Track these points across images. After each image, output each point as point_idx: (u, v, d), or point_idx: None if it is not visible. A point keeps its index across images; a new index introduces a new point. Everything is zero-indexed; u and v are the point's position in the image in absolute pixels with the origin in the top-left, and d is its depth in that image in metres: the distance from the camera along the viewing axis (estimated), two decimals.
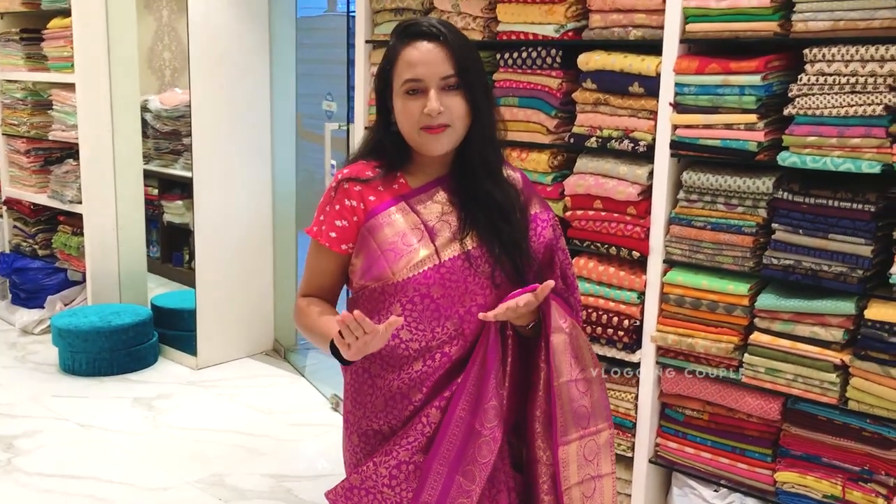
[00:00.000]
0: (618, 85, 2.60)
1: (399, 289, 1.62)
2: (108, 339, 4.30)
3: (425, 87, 1.61)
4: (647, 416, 2.68)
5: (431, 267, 1.62)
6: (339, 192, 1.68)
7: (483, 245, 1.66)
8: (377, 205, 1.66)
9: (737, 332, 2.47)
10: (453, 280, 1.63)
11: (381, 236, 1.64)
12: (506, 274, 1.67)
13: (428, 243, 1.64)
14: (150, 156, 5.75)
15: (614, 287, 2.68)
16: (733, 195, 2.43)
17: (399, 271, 1.62)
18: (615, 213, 2.65)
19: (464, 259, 1.64)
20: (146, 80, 6.12)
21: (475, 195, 1.68)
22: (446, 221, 1.67)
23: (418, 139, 1.64)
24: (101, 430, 3.71)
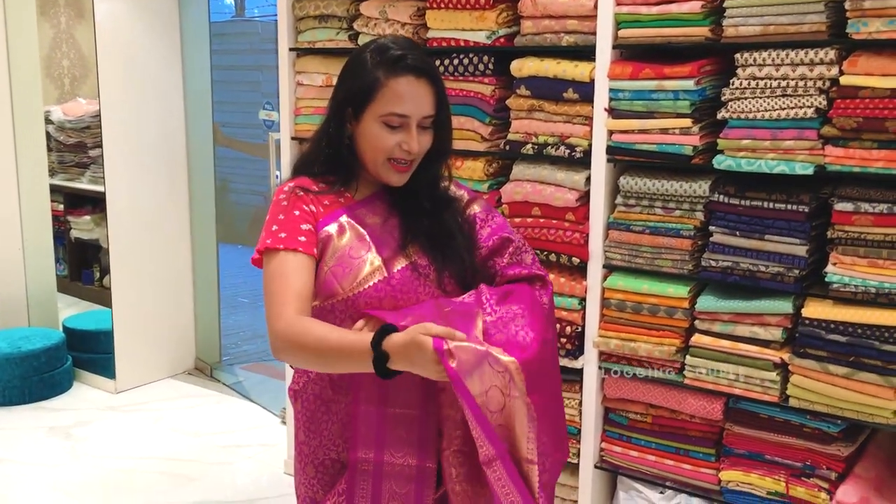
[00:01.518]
0: (552, 91, 2.59)
1: (349, 305, 1.57)
2: (18, 366, 4.07)
3: (407, 124, 1.58)
4: (591, 422, 2.68)
5: (380, 280, 1.58)
6: (294, 198, 1.61)
7: (426, 254, 1.63)
8: (325, 217, 1.61)
9: (678, 335, 2.48)
10: (404, 291, 1.60)
11: (330, 250, 1.59)
12: (455, 281, 1.65)
13: (375, 256, 1.59)
14: (53, 169, 5.46)
15: (555, 294, 2.66)
16: (670, 199, 2.45)
17: (348, 287, 1.57)
18: (554, 220, 2.64)
19: (411, 269, 1.60)
20: (45, 89, 5.82)
21: (417, 212, 1.66)
22: (389, 233, 1.64)
23: (381, 168, 1.62)
24: (15, 463, 3.50)
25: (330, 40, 3.04)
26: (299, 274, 1.54)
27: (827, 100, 2.19)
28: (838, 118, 2.16)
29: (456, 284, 1.65)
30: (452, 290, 1.65)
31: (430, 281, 1.62)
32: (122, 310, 4.14)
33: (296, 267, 1.54)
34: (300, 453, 1.70)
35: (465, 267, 1.66)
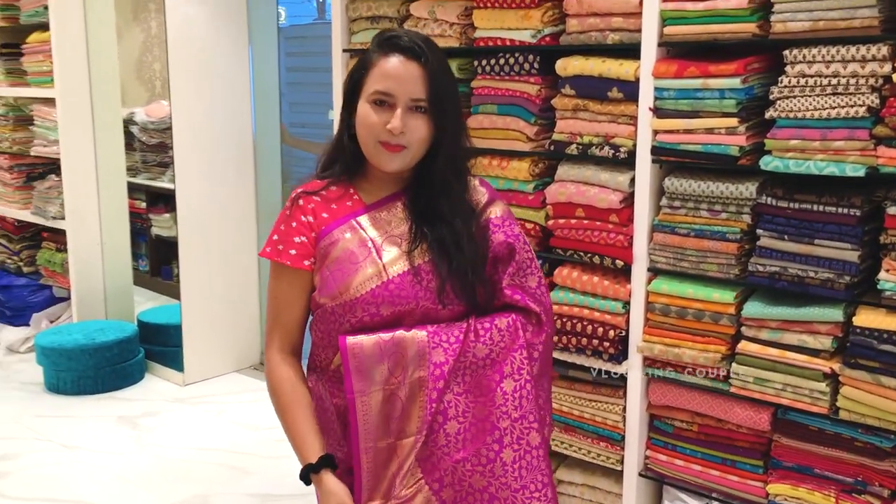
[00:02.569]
0: (597, 90, 2.54)
1: (348, 308, 1.58)
2: (92, 357, 4.24)
3: (393, 103, 1.57)
4: (635, 429, 2.62)
5: (379, 284, 1.58)
6: (295, 208, 1.64)
7: (432, 261, 1.61)
8: (329, 222, 1.62)
9: (724, 342, 2.40)
10: (401, 297, 1.59)
11: (331, 256, 1.60)
12: (455, 291, 1.62)
13: (375, 260, 1.59)
14: (137, 169, 5.70)
15: (598, 297, 2.62)
16: (716, 201, 2.37)
17: (346, 290, 1.58)
18: (597, 222, 2.59)
19: (412, 275, 1.59)
20: (136, 91, 6.07)
21: (430, 216, 1.64)
22: (396, 237, 1.63)
23: (373, 150, 1.60)
24: (85, 450, 3.65)
25: None
26: (290, 301, 1.65)
27: (880, 98, 2.08)
28: (891, 117, 2.05)
29: (456, 296, 1.62)
30: (451, 301, 1.62)
31: (430, 289, 1.60)
32: (191, 305, 4.27)
33: (284, 282, 1.64)
34: None
35: (468, 282, 1.63)
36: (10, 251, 5.13)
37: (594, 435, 2.71)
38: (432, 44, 1.62)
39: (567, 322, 2.66)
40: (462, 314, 1.63)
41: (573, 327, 2.65)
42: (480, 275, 1.64)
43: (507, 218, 1.72)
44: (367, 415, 1.55)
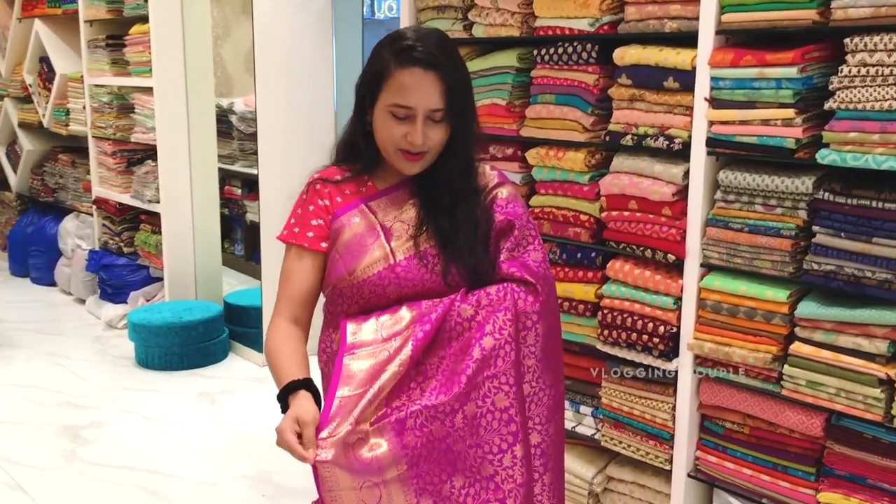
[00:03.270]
0: (653, 80, 2.48)
1: (356, 290, 1.62)
2: (178, 335, 4.44)
3: (413, 115, 1.59)
4: (684, 428, 2.55)
5: (385, 267, 1.62)
6: (311, 192, 1.69)
7: (437, 246, 1.64)
8: (341, 206, 1.66)
9: (776, 342, 2.31)
10: (408, 279, 1.62)
11: (341, 239, 1.64)
12: (461, 275, 1.64)
13: (383, 244, 1.63)
14: (235, 157, 5.90)
15: (650, 291, 2.56)
16: (772, 196, 2.28)
17: (354, 273, 1.62)
18: (650, 214, 2.53)
19: (418, 258, 1.61)
20: (245, 82, 6.27)
21: (435, 205, 1.66)
22: (404, 222, 1.67)
23: (393, 157, 1.65)
24: (164, 423, 3.83)
25: (447, 31, 3.07)
26: (300, 276, 1.66)
27: None
28: None
29: (462, 278, 1.65)
30: (457, 283, 1.64)
31: (436, 273, 1.63)
32: (271, 288, 4.40)
33: (299, 268, 1.67)
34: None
35: (472, 263, 1.64)
36: (112, 232, 5.42)
37: (643, 433, 2.66)
38: (445, 45, 1.63)
39: (618, 316, 2.61)
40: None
41: (623, 322, 2.60)
42: (483, 257, 1.65)
43: (512, 200, 1.72)
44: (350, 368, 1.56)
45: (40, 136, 6.22)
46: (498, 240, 1.68)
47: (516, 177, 2.89)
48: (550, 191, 2.79)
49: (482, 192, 1.70)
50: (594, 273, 2.71)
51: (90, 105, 5.32)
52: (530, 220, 1.73)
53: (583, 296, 2.72)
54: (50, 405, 4.02)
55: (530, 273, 1.66)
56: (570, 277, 2.75)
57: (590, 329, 2.73)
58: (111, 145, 5.23)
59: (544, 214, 2.81)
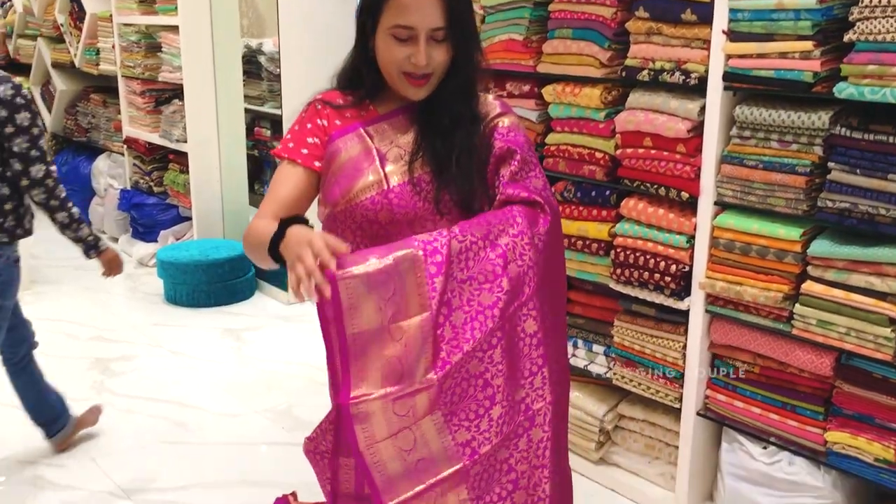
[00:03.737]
0: (670, 12, 2.42)
1: (348, 215, 1.62)
2: (205, 273, 4.51)
3: (415, 36, 1.57)
4: (695, 367, 2.55)
5: (378, 192, 1.61)
6: (311, 111, 1.68)
7: (431, 172, 1.62)
8: (339, 129, 1.66)
9: (787, 281, 2.28)
10: (400, 206, 1.61)
11: (337, 162, 1.64)
12: (454, 201, 1.63)
13: (377, 169, 1.62)
14: (264, 98, 5.90)
15: (663, 230, 2.54)
16: (788, 131, 2.23)
17: (347, 197, 1.62)
18: (665, 152, 2.49)
19: (411, 185, 1.61)
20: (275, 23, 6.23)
21: (434, 129, 1.64)
22: (400, 147, 1.65)
23: (398, 82, 1.63)
24: (190, 357, 3.92)
25: None
26: (290, 183, 1.63)
27: None
28: None
29: (455, 206, 1.63)
30: (449, 211, 1.63)
31: (429, 200, 1.62)
32: None
33: (289, 177, 1.64)
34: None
35: (466, 190, 1.62)
36: (142, 172, 5.49)
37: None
38: None
39: (630, 255, 2.60)
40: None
41: (636, 260, 2.58)
42: (478, 186, 1.64)
43: (514, 129, 1.70)
44: (353, 297, 1.43)
45: (73, 75, 6.28)
46: (497, 167, 1.65)
47: (532, 114, 2.86)
48: (566, 128, 2.76)
49: (483, 119, 1.69)
50: (608, 212, 2.69)
51: (119, 44, 5.35)
52: (532, 150, 1.71)
53: (596, 234, 2.70)
54: (82, 339, 4.13)
55: (537, 193, 1.65)
56: (585, 216, 2.74)
57: (603, 268, 2.72)
58: (140, 84, 5.27)
59: (560, 152, 2.78)
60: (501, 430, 1.56)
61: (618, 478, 2.84)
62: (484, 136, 1.67)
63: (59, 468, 2.95)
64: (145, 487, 2.83)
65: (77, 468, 2.95)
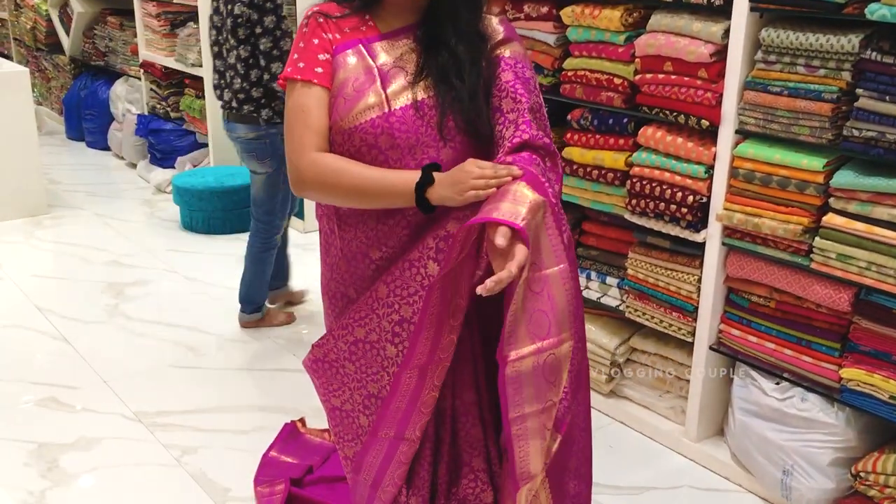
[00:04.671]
0: None
1: (346, 137, 1.54)
2: (220, 199, 4.48)
3: None
4: (709, 301, 2.49)
5: (379, 115, 1.52)
6: (313, 25, 1.57)
7: (436, 96, 1.53)
8: (339, 44, 1.56)
9: (808, 213, 2.20)
10: (402, 130, 1.52)
11: (336, 79, 1.54)
12: (458, 127, 1.54)
13: (378, 90, 1.53)
14: None
15: (681, 160, 2.45)
16: (815, 55, 2.12)
17: (346, 118, 1.53)
18: (685, 77, 2.39)
19: (414, 109, 1.52)
20: None
21: (438, 46, 1.55)
22: (403, 69, 1.56)
23: None
24: (203, 283, 3.92)
25: None
26: (317, 110, 1.53)
27: None
28: None
29: (459, 131, 1.54)
30: (453, 137, 1.54)
31: (432, 125, 1.53)
32: None
33: (313, 102, 1.53)
34: (321, 283, 1.75)
35: (471, 113, 1.53)
36: (159, 97, 5.43)
37: (667, 304, 2.60)
38: None
39: (646, 185, 2.52)
40: (465, 152, 1.55)
41: (652, 191, 2.51)
42: (482, 106, 1.55)
43: (521, 60, 1.60)
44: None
45: None
46: (502, 99, 1.56)
47: (550, 38, 2.75)
48: (584, 52, 2.66)
49: (489, 40, 1.60)
50: (625, 140, 2.60)
51: None
52: (538, 87, 1.62)
53: (612, 164, 2.62)
54: (97, 263, 4.14)
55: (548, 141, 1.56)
56: (601, 145, 2.65)
57: (618, 199, 2.64)
58: (155, 7, 5.17)
59: (577, 78, 2.69)
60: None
61: (628, 411, 2.81)
62: (490, 60, 1.58)
63: (72, 390, 2.97)
64: (155, 411, 2.85)
65: (90, 391, 2.97)
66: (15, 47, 7.68)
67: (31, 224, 4.67)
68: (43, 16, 6.80)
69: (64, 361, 3.18)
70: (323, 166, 1.52)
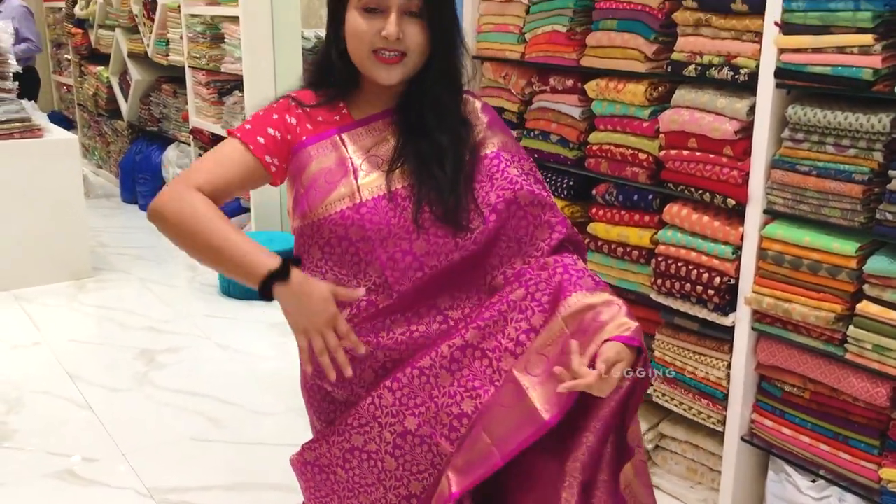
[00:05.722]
0: (720, 2, 2.22)
1: (316, 229, 1.48)
2: None
3: (386, 7, 1.43)
4: (739, 388, 2.35)
5: (349, 206, 1.46)
6: (282, 104, 1.54)
7: (413, 185, 1.47)
8: (312, 135, 1.51)
9: (841, 300, 2.06)
10: (374, 221, 1.46)
11: (308, 172, 1.50)
12: (435, 217, 1.46)
13: (350, 181, 1.47)
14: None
15: (708, 239, 2.34)
16: (845, 134, 2.01)
17: (316, 209, 1.47)
18: (710, 154, 2.30)
19: (387, 199, 1.46)
20: None
21: (417, 132, 1.49)
22: (378, 157, 1.50)
23: (368, 64, 1.47)
24: (234, 350, 3.90)
25: None
26: (233, 166, 1.46)
27: None
28: None
29: (436, 220, 1.47)
30: (428, 227, 1.47)
31: (405, 216, 1.46)
32: None
33: (235, 159, 1.46)
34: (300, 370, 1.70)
35: (449, 200, 1.47)
36: None
37: (696, 390, 2.46)
38: None
39: (672, 264, 2.41)
40: (439, 245, 1.47)
41: (678, 270, 2.39)
42: (462, 195, 1.48)
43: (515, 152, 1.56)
44: None
45: (147, 66, 6.37)
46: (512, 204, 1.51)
47: (575, 111, 2.69)
48: (609, 126, 2.58)
49: (471, 126, 1.54)
50: (651, 217, 2.51)
51: (186, 35, 5.38)
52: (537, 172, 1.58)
53: (638, 241, 2.52)
54: (134, 328, 4.16)
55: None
56: (626, 221, 2.56)
57: (644, 277, 2.53)
58: (205, 75, 5.29)
59: (602, 152, 2.61)
60: None
61: (658, 501, 2.65)
62: (473, 148, 1.52)
63: (89, 462, 2.94)
64: (170, 487, 2.80)
65: (107, 463, 2.94)
66: (79, 112, 7.95)
67: (75, 287, 4.74)
68: (104, 82, 7.04)
69: (87, 432, 3.16)
70: (189, 201, 1.40)
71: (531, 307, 1.46)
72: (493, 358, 1.46)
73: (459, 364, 1.46)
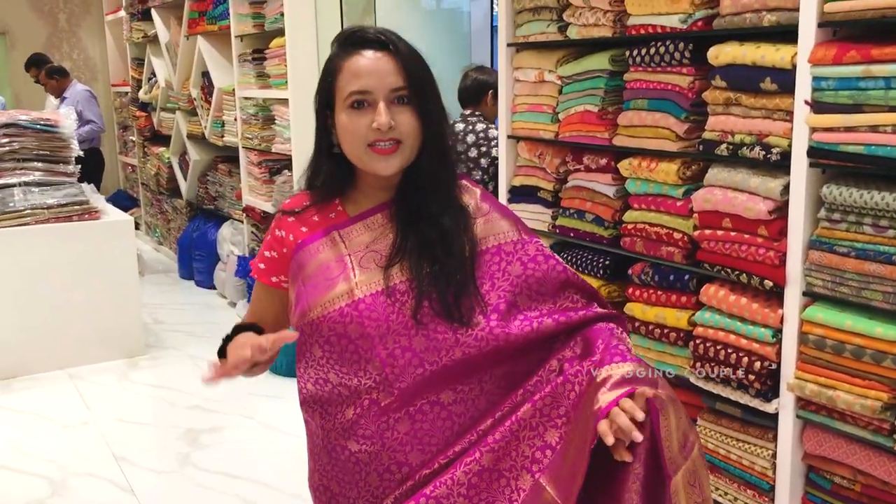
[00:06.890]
0: (749, 81, 2.18)
1: (315, 328, 1.45)
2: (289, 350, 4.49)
3: (373, 100, 1.43)
4: (786, 479, 2.23)
5: (347, 304, 1.43)
6: (274, 222, 1.59)
7: (411, 279, 1.44)
8: (307, 237, 1.51)
9: (887, 388, 1.96)
10: (372, 318, 1.42)
11: (306, 271, 1.49)
12: (434, 311, 1.43)
13: (349, 278, 1.45)
14: None
15: (747, 322, 2.26)
16: (882, 215, 1.93)
17: (314, 308, 1.45)
18: (745, 234, 2.23)
19: (385, 295, 1.43)
20: None
21: (418, 220, 1.47)
22: (376, 251, 1.48)
23: (366, 158, 1.45)
24: (278, 431, 3.88)
25: (542, 33, 2.89)
26: (256, 299, 1.65)
27: None
28: None
29: (436, 315, 1.43)
30: (430, 322, 1.43)
31: (404, 311, 1.43)
32: None
33: (256, 292, 1.65)
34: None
35: (456, 288, 1.43)
36: (258, 239, 5.60)
37: (740, 480, 2.35)
38: (395, 32, 1.47)
39: (711, 348, 2.33)
40: (442, 340, 1.43)
41: (717, 354, 2.31)
42: (464, 289, 1.45)
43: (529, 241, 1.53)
44: None
45: (205, 146, 6.57)
46: (533, 291, 1.50)
47: (609, 189, 2.66)
48: (643, 205, 2.54)
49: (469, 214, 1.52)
50: (688, 297, 2.43)
51: (240, 117, 5.54)
52: (553, 255, 1.56)
53: (675, 323, 2.44)
54: (181, 407, 4.19)
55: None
56: (663, 301, 2.49)
57: (683, 360, 2.45)
58: (257, 155, 5.42)
59: (637, 231, 2.56)
60: None
61: None
62: (474, 234, 1.50)
63: None
64: None
65: None
66: (142, 191, 8.22)
67: (127, 365, 4.82)
68: (165, 162, 7.28)
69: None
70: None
71: (542, 423, 1.41)
72: (511, 477, 1.41)
73: (477, 489, 1.41)
